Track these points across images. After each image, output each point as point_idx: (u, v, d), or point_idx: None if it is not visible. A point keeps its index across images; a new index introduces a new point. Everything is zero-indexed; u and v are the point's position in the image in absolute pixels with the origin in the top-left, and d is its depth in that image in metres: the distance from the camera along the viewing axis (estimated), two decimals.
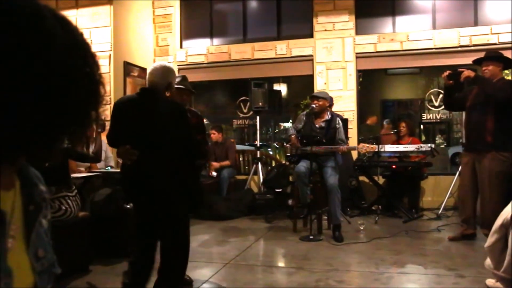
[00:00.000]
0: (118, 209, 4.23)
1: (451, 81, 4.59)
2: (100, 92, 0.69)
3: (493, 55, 4.60)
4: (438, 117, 7.76)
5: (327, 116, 5.10)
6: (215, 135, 7.06)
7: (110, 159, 5.66)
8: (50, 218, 0.79)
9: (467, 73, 4.41)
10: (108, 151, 5.74)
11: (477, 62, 4.62)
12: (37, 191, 0.75)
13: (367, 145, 5.12)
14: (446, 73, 4.60)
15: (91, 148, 3.90)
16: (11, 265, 0.63)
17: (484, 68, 4.47)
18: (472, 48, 6.63)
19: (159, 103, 2.94)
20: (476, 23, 6.82)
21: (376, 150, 5.43)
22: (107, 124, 3.12)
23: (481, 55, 4.71)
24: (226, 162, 6.95)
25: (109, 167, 5.34)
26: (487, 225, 3.94)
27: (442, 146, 10.85)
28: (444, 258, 4.12)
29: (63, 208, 3.54)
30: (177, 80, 3.47)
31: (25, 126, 0.59)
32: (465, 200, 4.70)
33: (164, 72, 3.01)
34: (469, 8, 6.88)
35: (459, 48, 6.79)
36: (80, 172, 4.77)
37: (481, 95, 4.42)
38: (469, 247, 4.48)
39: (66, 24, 0.65)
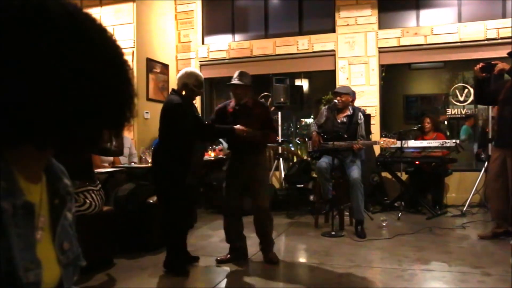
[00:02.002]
0: (141, 204, 4.30)
1: (484, 74, 4.47)
2: (133, 92, 0.70)
3: None
4: (463, 112, 7.59)
5: (349, 111, 5.06)
6: None
7: (134, 156, 5.73)
8: (74, 212, 0.81)
9: (501, 65, 4.28)
10: (133, 148, 5.81)
11: None
12: (62, 185, 0.77)
13: (388, 139, 5.05)
14: (479, 65, 4.47)
15: (114, 142, 3.95)
16: (40, 257, 0.65)
17: None
18: (500, 41, 6.46)
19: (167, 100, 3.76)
20: (504, 15, 6.63)
21: (397, 144, 5.34)
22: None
23: (509, 48, 4.57)
24: None
25: (133, 163, 5.41)
26: None
27: (467, 141, 10.60)
28: (469, 255, 4.05)
29: (88, 202, 3.59)
30: (234, 76, 3.93)
31: (66, 126, 0.60)
32: (492, 197, 4.58)
33: (180, 75, 3.77)
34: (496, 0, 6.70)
35: (486, 42, 6.63)
36: (104, 167, 4.85)
37: None
38: (496, 245, 4.38)
39: (97, 25, 0.66)
